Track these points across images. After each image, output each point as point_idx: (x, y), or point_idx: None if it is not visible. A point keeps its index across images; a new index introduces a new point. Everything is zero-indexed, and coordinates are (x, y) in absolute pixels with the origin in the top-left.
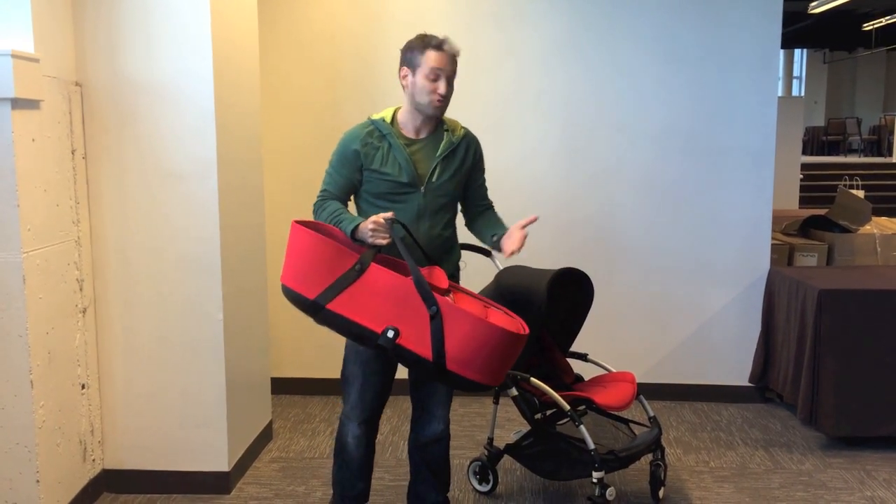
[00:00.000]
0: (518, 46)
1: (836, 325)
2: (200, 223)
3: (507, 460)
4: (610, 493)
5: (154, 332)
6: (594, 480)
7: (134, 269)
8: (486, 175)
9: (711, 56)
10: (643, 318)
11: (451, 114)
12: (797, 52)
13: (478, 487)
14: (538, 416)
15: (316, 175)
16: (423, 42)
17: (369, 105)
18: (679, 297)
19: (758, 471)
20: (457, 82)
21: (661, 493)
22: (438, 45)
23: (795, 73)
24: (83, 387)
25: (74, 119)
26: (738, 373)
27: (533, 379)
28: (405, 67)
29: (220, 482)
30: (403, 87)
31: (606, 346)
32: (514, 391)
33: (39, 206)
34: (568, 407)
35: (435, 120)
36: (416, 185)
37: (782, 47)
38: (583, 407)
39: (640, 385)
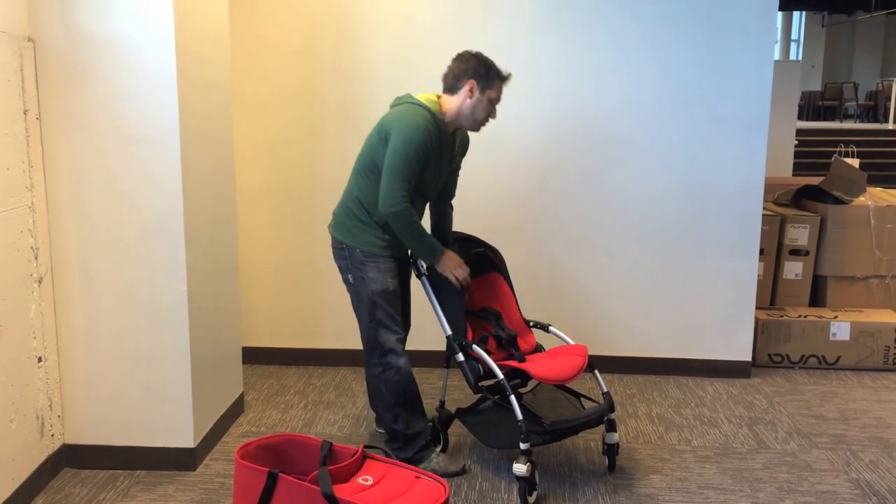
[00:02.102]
0: (506, 7)
1: None
2: (162, 190)
3: None
4: (524, 469)
5: (115, 303)
6: (521, 450)
7: (93, 237)
8: (474, 140)
9: (707, 18)
10: (629, 290)
11: (437, 74)
12: (795, 14)
13: None
14: (483, 383)
15: (292, 134)
16: (498, 72)
17: (351, 59)
18: (666, 270)
19: (741, 450)
20: (442, 41)
21: (614, 461)
22: (507, 77)
23: (794, 36)
24: (40, 360)
25: (27, 77)
26: (725, 347)
27: (475, 346)
28: (474, 81)
29: (185, 458)
30: (463, 95)
31: (591, 317)
32: (459, 356)
33: None
34: (501, 376)
35: None
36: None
37: (780, 9)
38: (518, 380)
39: (624, 359)
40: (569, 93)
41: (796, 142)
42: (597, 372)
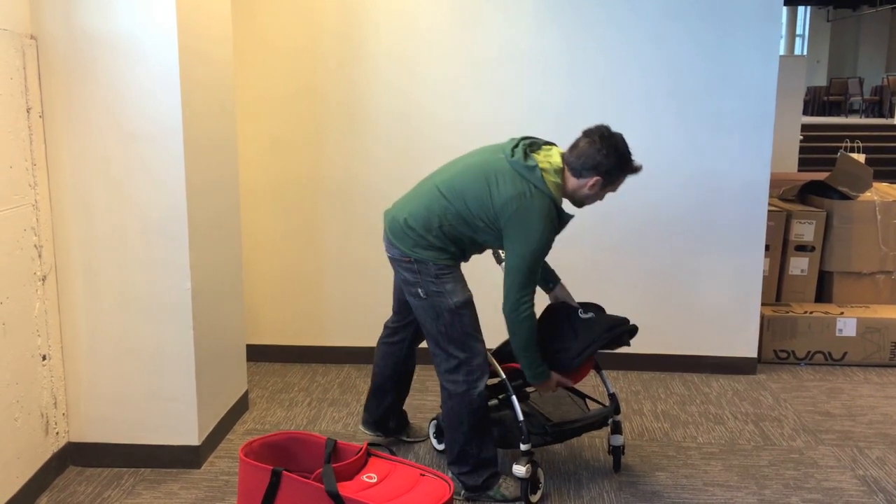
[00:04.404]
0: (510, 3)
1: None
2: (165, 188)
3: None
4: (523, 471)
5: (119, 301)
6: (521, 451)
7: (96, 235)
8: (480, 140)
9: (712, 13)
10: (634, 286)
11: (440, 73)
12: (800, 9)
13: (436, 447)
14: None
15: (295, 133)
16: (631, 169)
17: (353, 58)
18: (671, 265)
19: (747, 447)
20: (446, 38)
21: (619, 463)
22: (637, 170)
23: (798, 31)
24: (44, 358)
25: (29, 75)
26: (730, 343)
27: None
28: (599, 178)
29: (189, 456)
30: (584, 184)
31: None
32: None
33: None
34: (503, 376)
35: None
36: None
37: (785, 4)
38: (520, 381)
39: (629, 355)
40: (573, 88)
41: (801, 137)
42: (603, 373)
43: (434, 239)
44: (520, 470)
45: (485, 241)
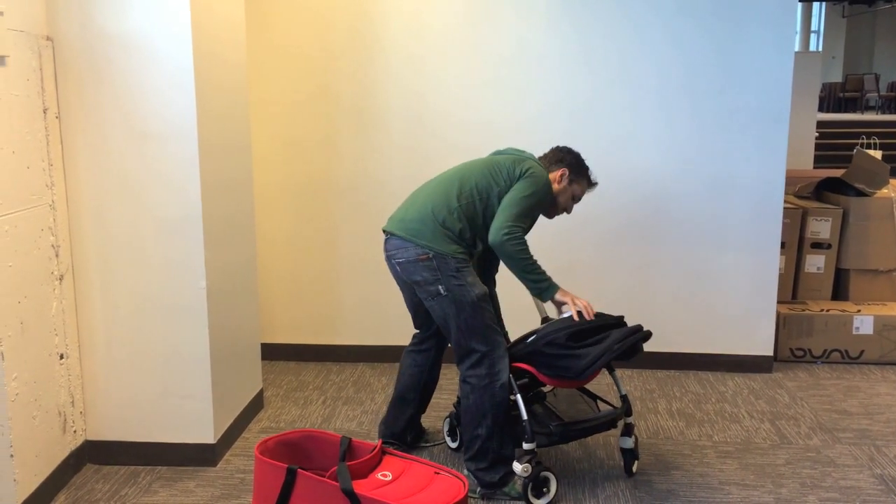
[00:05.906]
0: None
1: None
2: (180, 187)
3: None
4: (520, 468)
5: (135, 300)
6: (524, 450)
7: (113, 234)
8: (493, 139)
9: (727, 9)
10: (648, 284)
11: (452, 73)
12: (815, 5)
13: (450, 444)
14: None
15: (308, 134)
16: (589, 177)
17: (366, 58)
18: (686, 263)
19: (763, 446)
20: (458, 36)
21: (633, 467)
22: (594, 185)
23: (813, 27)
24: (62, 356)
25: (46, 76)
26: (746, 341)
27: None
28: (570, 174)
29: (205, 454)
30: (554, 177)
31: (609, 312)
32: None
33: (6, 169)
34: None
35: None
36: None
37: (800, 0)
38: (525, 379)
39: (644, 353)
40: (587, 86)
41: (817, 134)
42: (616, 373)
43: (456, 220)
44: (518, 468)
45: (494, 212)
